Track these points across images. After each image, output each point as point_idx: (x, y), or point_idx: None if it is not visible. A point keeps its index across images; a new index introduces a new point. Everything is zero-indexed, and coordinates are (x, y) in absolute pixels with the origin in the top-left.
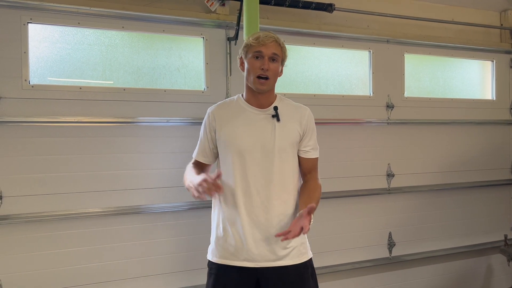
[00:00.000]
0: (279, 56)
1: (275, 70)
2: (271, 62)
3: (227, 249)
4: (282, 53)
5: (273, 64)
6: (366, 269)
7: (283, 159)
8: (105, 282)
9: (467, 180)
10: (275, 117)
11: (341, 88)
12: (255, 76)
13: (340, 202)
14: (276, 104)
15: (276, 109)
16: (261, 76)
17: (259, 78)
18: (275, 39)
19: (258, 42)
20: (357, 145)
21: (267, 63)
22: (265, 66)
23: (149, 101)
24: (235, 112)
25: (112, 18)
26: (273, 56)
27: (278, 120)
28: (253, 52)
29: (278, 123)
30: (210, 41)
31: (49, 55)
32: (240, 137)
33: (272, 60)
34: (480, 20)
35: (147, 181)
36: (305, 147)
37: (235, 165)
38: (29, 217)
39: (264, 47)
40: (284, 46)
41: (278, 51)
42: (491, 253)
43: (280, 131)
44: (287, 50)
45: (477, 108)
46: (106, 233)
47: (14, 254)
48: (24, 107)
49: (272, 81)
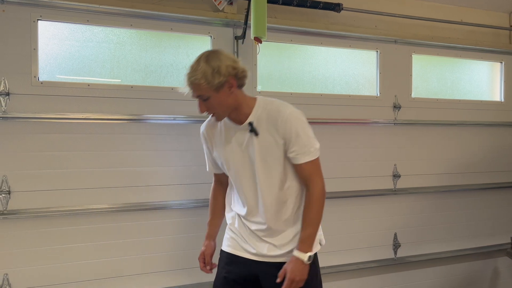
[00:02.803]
0: (204, 94)
1: (213, 105)
2: (203, 101)
3: (234, 240)
4: (207, 87)
5: (206, 102)
6: (371, 269)
7: (269, 171)
8: (111, 278)
9: (474, 182)
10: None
11: (348, 88)
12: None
13: (346, 202)
14: (253, 116)
15: (251, 125)
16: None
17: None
18: (191, 81)
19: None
20: (363, 145)
21: (201, 106)
22: (200, 110)
23: (156, 98)
24: (221, 129)
25: (121, 16)
26: (200, 97)
27: (256, 135)
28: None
29: (257, 138)
30: (218, 40)
31: (58, 52)
32: (229, 155)
33: (203, 100)
34: (489, 21)
35: (154, 178)
36: (290, 153)
37: (232, 179)
38: (37, 212)
39: (191, 91)
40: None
41: (199, 91)
42: (498, 255)
43: (260, 145)
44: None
45: (485, 109)
46: (113, 229)
47: (21, 249)
48: (33, 103)
49: (221, 111)
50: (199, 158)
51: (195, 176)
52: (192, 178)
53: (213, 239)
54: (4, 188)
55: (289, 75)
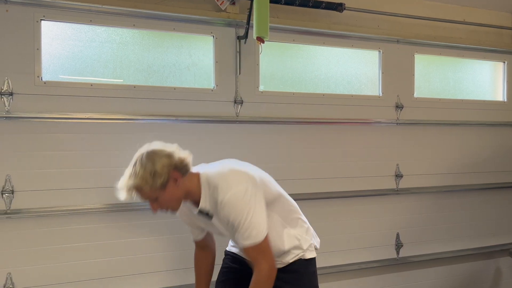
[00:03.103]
0: (147, 196)
1: (163, 203)
2: (153, 202)
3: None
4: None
5: (156, 202)
6: (373, 269)
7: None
8: (114, 277)
9: (477, 182)
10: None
11: (350, 87)
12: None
13: (348, 202)
14: (203, 200)
15: (201, 212)
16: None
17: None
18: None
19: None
20: (365, 145)
21: (152, 206)
22: (153, 210)
23: (158, 98)
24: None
25: (124, 16)
26: (147, 200)
27: (211, 218)
28: None
29: (214, 219)
30: (220, 40)
31: (61, 52)
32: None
33: (152, 201)
34: (492, 21)
35: None
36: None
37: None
38: (40, 211)
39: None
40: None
41: (145, 195)
42: (500, 255)
43: (219, 225)
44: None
45: (488, 109)
46: (114, 229)
47: (24, 248)
48: (36, 103)
49: (173, 205)
50: (201, 158)
51: None
52: None
53: None
54: (7, 187)
55: (291, 75)
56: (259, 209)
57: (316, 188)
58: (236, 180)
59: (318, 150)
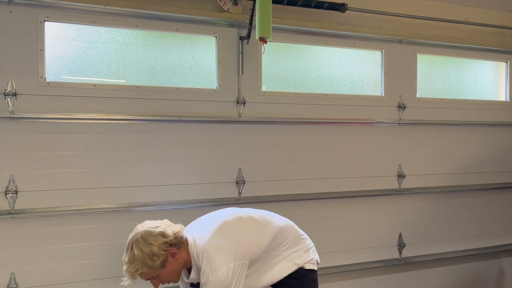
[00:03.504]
0: (148, 273)
1: (165, 276)
2: (155, 279)
3: None
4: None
5: (158, 279)
6: (376, 269)
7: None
8: (116, 277)
9: (479, 182)
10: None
11: (352, 88)
12: None
13: (350, 202)
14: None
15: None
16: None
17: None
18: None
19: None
20: (368, 145)
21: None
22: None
23: (161, 99)
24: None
25: (127, 16)
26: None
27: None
28: None
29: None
30: (223, 40)
31: (65, 52)
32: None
33: (154, 279)
34: (494, 21)
35: (159, 178)
36: None
37: None
38: (44, 211)
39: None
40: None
41: (147, 275)
42: (503, 256)
43: None
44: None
45: (490, 109)
46: (118, 229)
47: (28, 248)
48: (40, 103)
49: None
50: (204, 159)
51: (199, 176)
52: (197, 178)
53: None
54: (11, 187)
55: (293, 75)
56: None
57: (319, 188)
58: (218, 261)
59: (321, 150)
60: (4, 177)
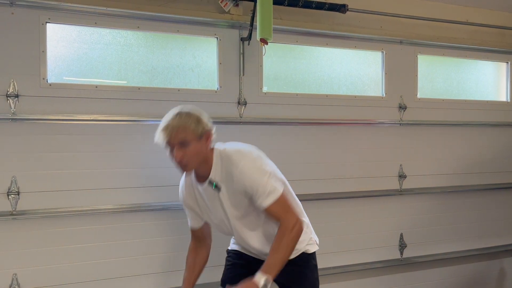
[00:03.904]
0: (187, 139)
1: (190, 153)
2: (183, 148)
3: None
4: (192, 133)
5: (186, 149)
6: (377, 270)
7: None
8: (118, 278)
9: (480, 183)
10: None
11: (353, 88)
12: (176, 165)
13: (352, 202)
14: (213, 172)
15: (211, 182)
16: (179, 164)
17: (179, 166)
18: (177, 125)
19: (164, 135)
20: (369, 146)
21: (178, 153)
22: (176, 158)
23: (163, 100)
24: (191, 192)
25: (128, 18)
26: (181, 143)
27: (219, 191)
28: (165, 146)
29: (222, 192)
30: (224, 41)
31: (67, 54)
32: (202, 210)
33: (183, 146)
34: (495, 21)
35: (160, 179)
36: (255, 202)
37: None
38: (45, 212)
39: (170, 138)
40: (193, 122)
41: (184, 135)
42: (504, 256)
43: (226, 198)
44: (201, 121)
45: (491, 109)
46: (120, 230)
47: (30, 249)
48: (42, 105)
49: (193, 162)
50: None
51: None
52: None
53: None
54: (13, 188)
55: (294, 76)
56: (272, 171)
57: (320, 189)
58: (248, 150)
59: (321, 151)
60: (6, 178)
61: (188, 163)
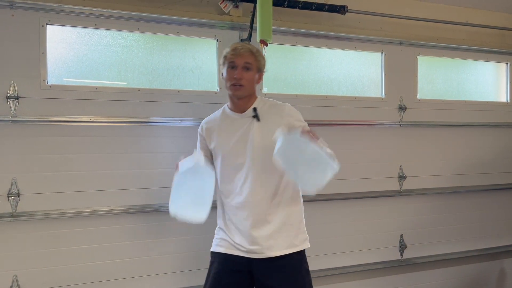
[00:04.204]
0: (252, 64)
1: (249, 78)
2: (244, 71)
3: (223, 238)
4: (256, 61)
5: (246, 73)
6: (377, 271)
7: (266, 157)
8: (118, 279)
9: (480, 183)
10: (255, 118)
11: (353, 89)
12: (231, 84)
13: (352, 203)
14: (256, 106)
15: (255, 110)
16: (235, 83)
17: (234, 85)
18: (249, 49)
19: (233, 54)
20: (369, 147)
21: (240, 73)
22: (237, 76)
23: (163, 101)
24: (221, 120)
25: (128, 20)
26: (246, 65)
27: (258, 120)
28: (228, 62)
29: (259, 123)
30: (224, 43)
31: (67, 56)
32: (225, 141)
33: (246, 69)
34: (495, 22)
35: (161, 181)
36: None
37: (223, 167)
38: (46, 214)
39: (238, 58)
40: (259, 55)
41: (251, 60)
42: (504, 257)
43: (261, 130)
44: (263, 58)
45: (491, 110)
46: (120, 231)
47: (30, 250)
48: (42, 106)
49: (247, 88)
50: None
51: None
52: None
53: None
54: (13, 190)
55: (294, 77)
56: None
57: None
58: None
59: None
60: (7, 180)
61: (244, 85)
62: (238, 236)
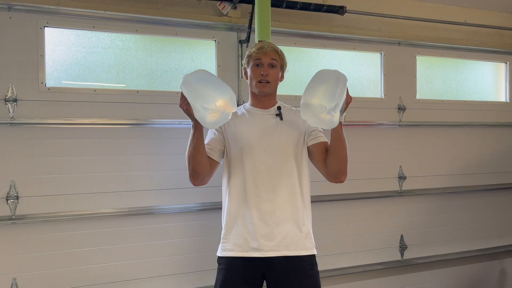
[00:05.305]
0: (277, 61)
1: (274, 75)
2: (270, 68)
3: (235, 242)
4: (281, 59)
5: (272, 70)
6: (377, 271)
7: (286, 154)
8: (117, 282)
9: (480, 183)
10: (278, 116)
11: (352, 90)
12: (257, 81)
13: (351, 204)
14: (279, 103)
15: (279, 109)
16: (262, 80)
17: (260, 82)
18: (274, 47)
19: (259, 52)
20: (368, 147)
21: (266, 69)
22: (264, 72)
23: (162, 103)
24: (241, 115)
25: (126, 21)
26: (271, 63)
27: (281, 119)
28: (254, 60)
29: (282, 122)
30: (222, 44)
31: (65, 58)
32: (246, 134)
33: (271, 67)
34: (493, 22)
35: (159, 182)
36: (315, 135)
37: (242, 161)
38: (45, 217)
39: (264, 56)
40: (282, 54)
41: (276, 57)
42: (504, 257)
43: (283, 129)
44: (285, 58)
45: (490, 110)
46: (119, 234)
47: (29, 253)
48: (40, 109)
49: (273, 85)
50: None
51: None
52: None
53: None
54: (12, 193)
55: (293, 78)
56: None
57: (319, 190)
58: None
59: None
60: (5, 183)
61: (271, 81)
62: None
